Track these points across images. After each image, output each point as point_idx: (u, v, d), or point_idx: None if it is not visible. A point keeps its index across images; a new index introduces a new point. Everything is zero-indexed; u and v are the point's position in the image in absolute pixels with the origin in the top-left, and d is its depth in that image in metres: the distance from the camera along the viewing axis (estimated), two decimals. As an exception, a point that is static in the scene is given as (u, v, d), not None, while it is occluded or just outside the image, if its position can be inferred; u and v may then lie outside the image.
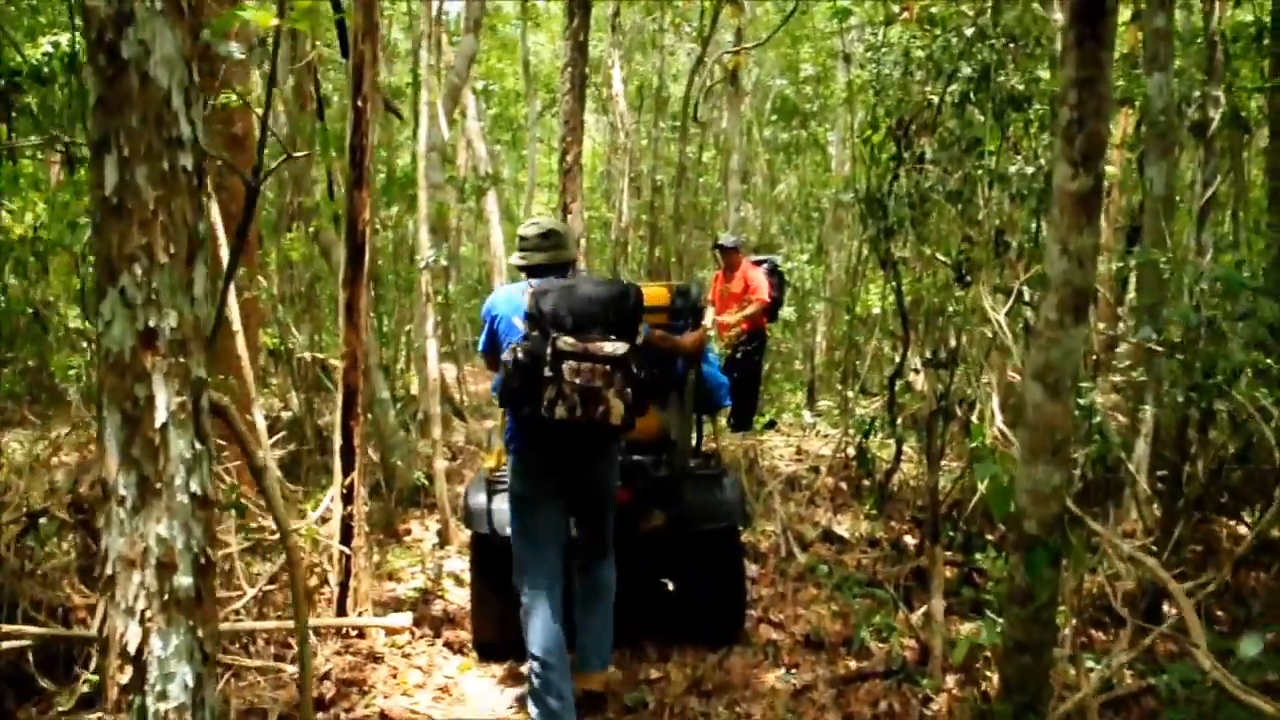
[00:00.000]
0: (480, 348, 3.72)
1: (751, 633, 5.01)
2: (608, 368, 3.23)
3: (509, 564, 3.71)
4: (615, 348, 3.26)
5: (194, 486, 1.84)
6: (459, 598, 5.20)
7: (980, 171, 5.25)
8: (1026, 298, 4.43)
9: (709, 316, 8.16)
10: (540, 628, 3.43)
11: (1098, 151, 3.14)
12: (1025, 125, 5.21)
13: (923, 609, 5.32)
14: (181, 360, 1.83)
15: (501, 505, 3.96)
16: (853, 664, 4.53)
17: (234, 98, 4.45)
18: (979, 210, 4.83)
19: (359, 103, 4.09)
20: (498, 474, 4.16)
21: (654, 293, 4.24)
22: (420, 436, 7.65)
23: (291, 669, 3.74)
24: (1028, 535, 3.32)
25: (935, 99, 5.36)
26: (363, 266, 4.15)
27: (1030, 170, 4.52)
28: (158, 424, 1.79)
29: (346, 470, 4.13)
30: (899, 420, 7.26)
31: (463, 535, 6.51)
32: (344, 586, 4.14)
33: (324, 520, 4.45)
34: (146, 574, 1.80)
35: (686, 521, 4.18)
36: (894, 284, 7.00)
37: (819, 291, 12.66)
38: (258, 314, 5.38)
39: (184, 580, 1.83)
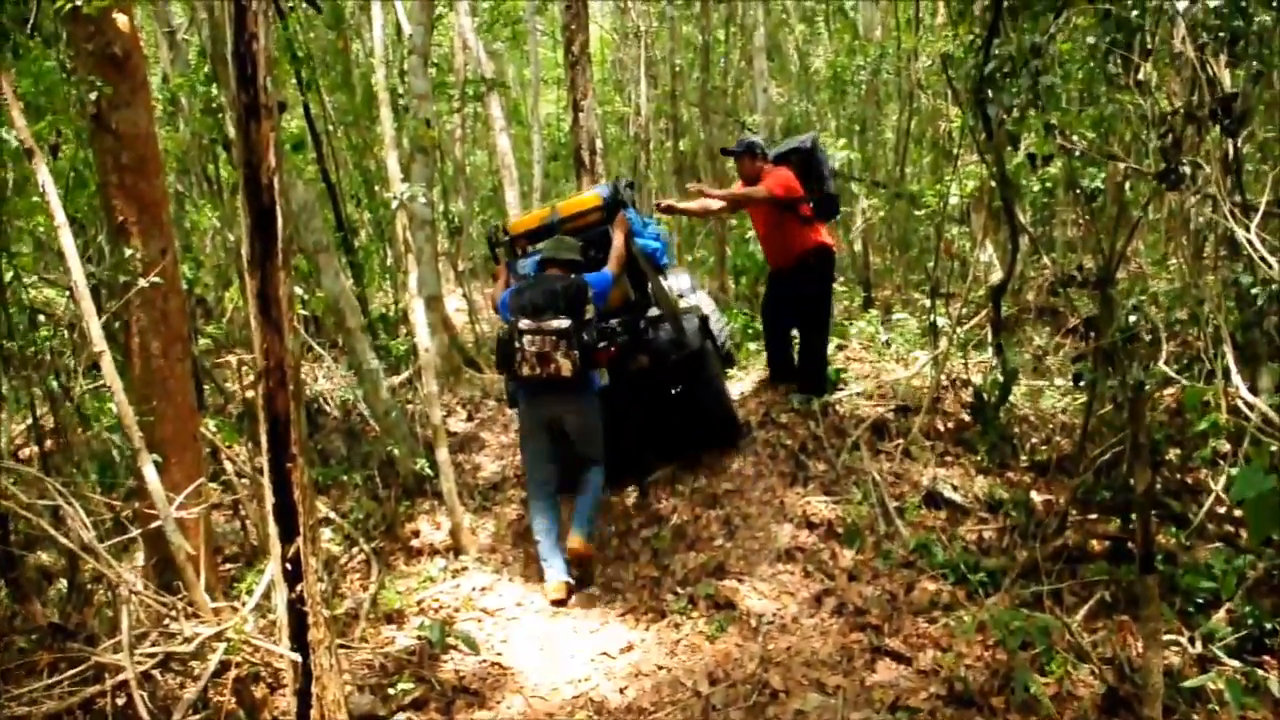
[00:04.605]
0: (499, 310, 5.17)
1: (865, 671, 3.78)
2: (555, 338, 4.69)
3: None
4: (560, 323, 4.70)
5: None
6: (474, 657, 3.98)
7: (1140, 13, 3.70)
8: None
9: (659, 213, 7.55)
10: (535, 516, 4.90)
11: None
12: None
13: (1082, 613, 4.05)
14: None
15: None
16: (1023, 731, 3.28)
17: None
18: (1158, 71, 3.31)
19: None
20: None
21: (587, 199, 5.48)
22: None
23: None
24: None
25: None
26: (275, 237, 2.77)
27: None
28: None
29: (287, 536, 2.85)
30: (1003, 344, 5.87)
31: (480, 538, 5.28)
32: (304, 696, 2.91)
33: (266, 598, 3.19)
34: None
35: (662, 356, 5.41)
36: (995, 170, 5.50)
37: (862, 176, 10.94)
38: (179, 297, 4.03)
39: None
